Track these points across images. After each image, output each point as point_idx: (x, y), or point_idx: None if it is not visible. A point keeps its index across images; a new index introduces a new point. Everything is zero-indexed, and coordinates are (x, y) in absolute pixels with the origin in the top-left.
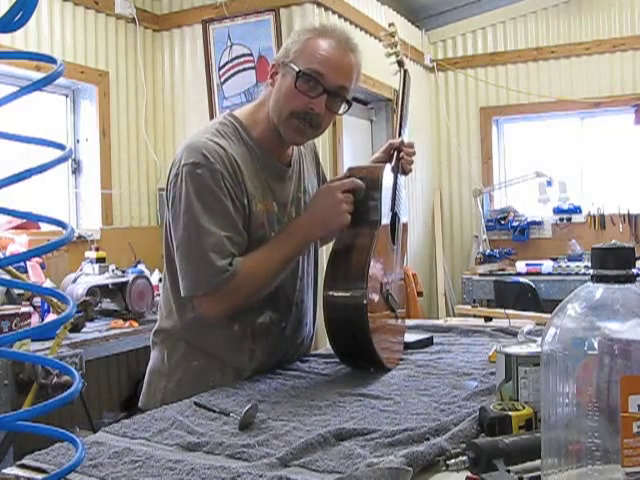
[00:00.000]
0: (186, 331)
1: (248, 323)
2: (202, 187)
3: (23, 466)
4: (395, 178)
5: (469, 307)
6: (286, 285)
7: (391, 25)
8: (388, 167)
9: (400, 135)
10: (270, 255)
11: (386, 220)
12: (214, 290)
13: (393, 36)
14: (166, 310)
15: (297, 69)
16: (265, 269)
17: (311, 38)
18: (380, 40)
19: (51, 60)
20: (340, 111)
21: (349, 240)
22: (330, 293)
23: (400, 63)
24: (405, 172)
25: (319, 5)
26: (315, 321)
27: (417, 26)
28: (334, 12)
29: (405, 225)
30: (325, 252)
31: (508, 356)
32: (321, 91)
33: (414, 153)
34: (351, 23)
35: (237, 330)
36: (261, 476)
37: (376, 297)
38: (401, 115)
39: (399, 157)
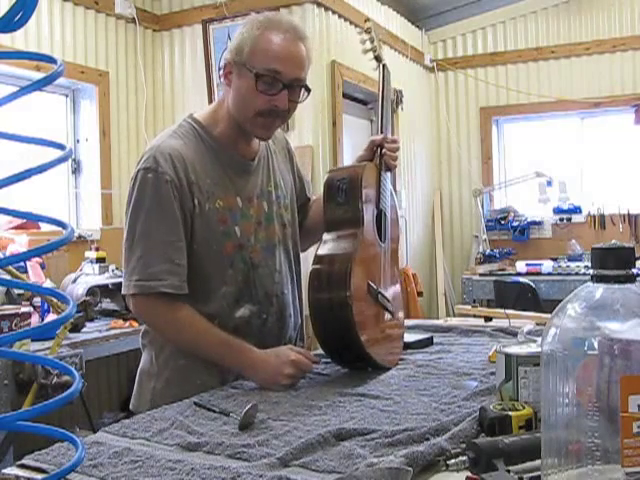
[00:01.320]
0: None
1: (227, 318)
2: (149, 193)
3: (23, 466)
4: (378, 175)
5: (469, 307)
6: (263, 278)
7: (367, 21)
8: (369, 165)
9: (382, 131)
10: (205, 337)
11: (370, 218)
12: (138, 293)
13: (369, 32)
14: None
15: (254, 71)
16: (186, 335)
17: (260, 35)
18: (360, 31)
19: (51, 60)
20: (301, 99)
21: (332, 241)
22: (315, 295)
23: (378, 58)
24: (389, 168)
25: (319, 5)
26: (302, 313)
27: (417, 26)
28: (334, 12)
29: (396, 221)
30: (312, 252)
31: (508, 356)
32: (281, 87)
33: (397, 148)
34: (351, 23)
35: (218, 326)
36: (261, 476)
37: (363, 297)
38: (381, 110)
39: (382, 153)
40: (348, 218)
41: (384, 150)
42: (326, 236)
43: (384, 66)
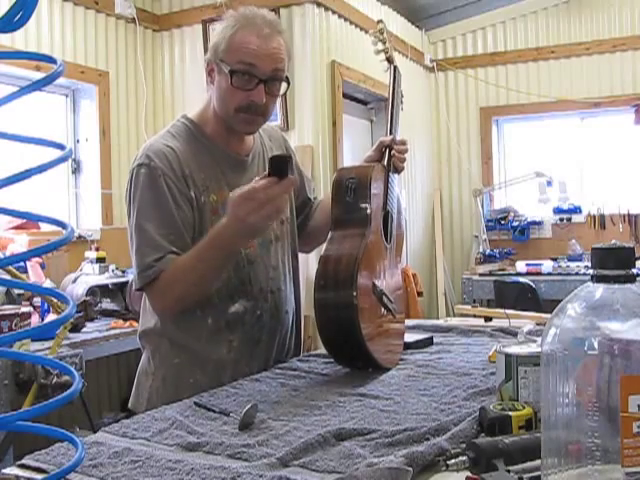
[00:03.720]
0: (166, 328)
1: (221, 314)
2: (142, 187)
3: (23, 466)
4: (386, 176)
5: (469, 307)
6: (258, 274)
7: (379, 22)
8: (378, 166)
9: (392, 133)
10: (196, 256)
11: (378, 219)
12: (143, 285)
13: (382, 33)
14: (148, 311)
15: (229, 68)
16: (189, 269)
17: (234, 33)
18: (368, 33)
19: (51, 60)
20: (281, 92)
21: (339, 240)
22: (320, 293)
23: (389, 60)
24: (397, 170)
25: (319, 5)
26: (300, 310)
27: (417, 26)
28: (334, 12)
29: (401, 234)
30: (316, 253)
31: (508, 356)
32: (257, 82)
33: (406, 150)
34: (351, 23)
35: (211, 322)
36: (261, 476)
37: (368, 297)
38: (392, 112)
39: (390, 155)
40: (356, 217)
41: (393, 152)
42: (332, 234)
43: (395, 68)
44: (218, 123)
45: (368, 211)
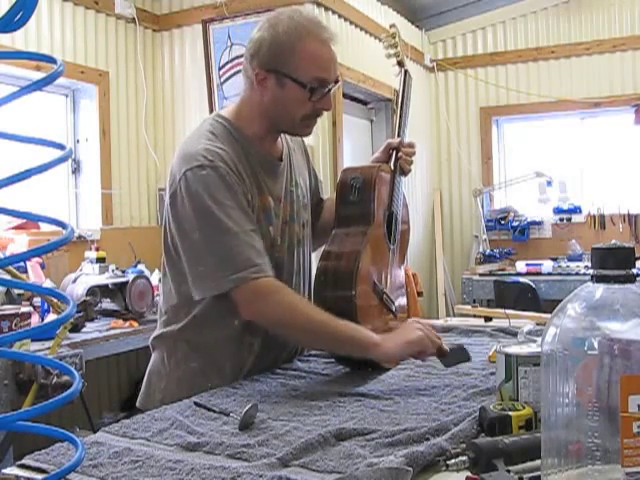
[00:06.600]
0: (186, 331)
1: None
2: (211, 186)
3: (23, 466)
4: (393, 178)
5: (469, 307)
6: (282, 279)
7: (392, 26)
8: (384, 167)
9: (400, 135)
10: (327, 330)
11: (381, 218)
12: (243, 282)
13: (394, 37)
14: (167, 313)
15: (306, 84)
16: (304, 319)
17: (300, 44)
18: (380, 40)
19: (51, 60)
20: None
21: (341, 238)
22: (320, 290)
23: (400, 64)
24: (404, 172)
25: (319, 5)
26: None
27: (417, 26)
28: (334, 12)
29: (406, 230)
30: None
31: (508, 356)
32: (327, 91)
33: (414, 153)
34: (351, 23)
35: (237, 325)
36: (261, 476)
37: (368, 295)
38: (401, 115)
39: (397, 157)
40: (359, 216)
41: (400, 154)
42: (335, 232)
43: (406, 71)
44: (262, 126)
45: (371, 210)
